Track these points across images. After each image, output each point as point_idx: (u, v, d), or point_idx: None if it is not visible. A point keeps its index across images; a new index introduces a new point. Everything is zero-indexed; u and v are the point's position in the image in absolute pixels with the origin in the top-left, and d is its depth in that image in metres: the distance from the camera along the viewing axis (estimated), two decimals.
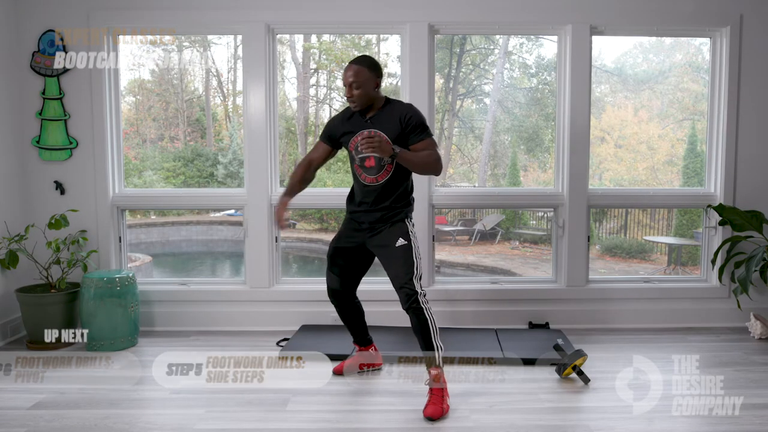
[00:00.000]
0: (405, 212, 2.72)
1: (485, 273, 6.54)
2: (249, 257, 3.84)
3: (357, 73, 2.58)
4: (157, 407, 2.63)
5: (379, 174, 2.66)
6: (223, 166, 5.94)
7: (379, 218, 2.70)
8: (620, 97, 4.88)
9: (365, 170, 2.69)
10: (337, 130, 2.77)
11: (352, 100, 2.62)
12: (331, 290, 2.89)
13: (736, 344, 3.47)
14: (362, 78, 2.58)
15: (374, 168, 2.67)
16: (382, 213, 2.69)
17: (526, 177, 5.37)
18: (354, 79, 2.58)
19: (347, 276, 2.86)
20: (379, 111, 2.67)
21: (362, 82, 2.58)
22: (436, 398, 2.52)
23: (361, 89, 2.59)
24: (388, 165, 2.65)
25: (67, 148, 3.72)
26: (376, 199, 2.69)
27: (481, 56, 5.52)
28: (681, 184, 4.88)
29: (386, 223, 2.69)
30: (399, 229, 2.68)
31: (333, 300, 2.91)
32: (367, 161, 2.67)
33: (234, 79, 6.31)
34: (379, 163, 2.65)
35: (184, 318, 3.81)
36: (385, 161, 2.64)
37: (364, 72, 2.59)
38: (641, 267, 6.14)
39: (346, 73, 2.61)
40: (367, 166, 2.68)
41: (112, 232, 3.81)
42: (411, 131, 2.63)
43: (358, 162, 2.70)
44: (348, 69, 2.61)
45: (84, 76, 3.68)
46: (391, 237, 2.66)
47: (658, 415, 2.50)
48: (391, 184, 2.67)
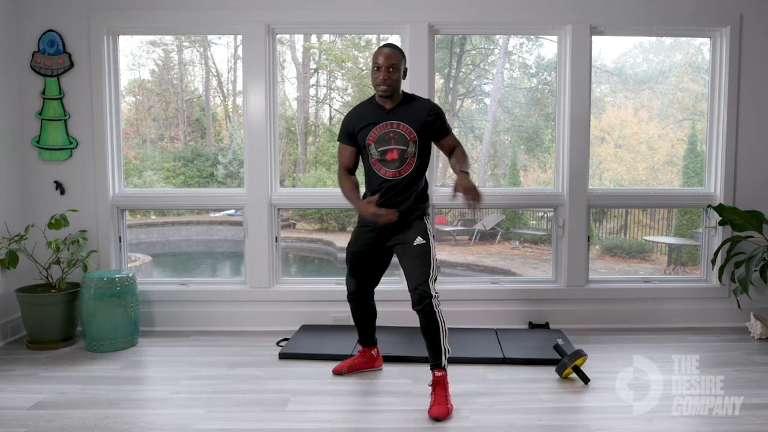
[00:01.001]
0: (423, 208, 2.68)
1: (485, 273, 6.54)
2: (249, 257, 3.84)
3: (393, 55, 2.55)
4: (157, 407, 2.63)
5: (402, 167, 2.61)
6: (223, 166, 5.94)
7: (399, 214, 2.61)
8: (620, 97, 4.89)
9: (385, 164, 2.63)
10: (354, 125, 2.68)
11: (387, 83, 2.54)
12: (351, 293, 2.88)
13: (736, 344, 3.47)
14: (397, 61, 2.56)
15: (396, 161, 2.61)
16: (402, 207, 2.63)
17: (526, 177, 5.37)
18: (393, 61, 2.54)
19: (366, 279, 2.84)
20: (401, 104, 2.64)
21: (397, 65, 2.56)
22: (440, 398, 2.52)
23: (397, 73, 2.56)
24: (411, 158, 2.61)
25: (67, 148, 3.72)
26: (397, 193, 2.63)
27: (481, 56, 5.52)
28: (681, 184, 4.89)
29: (406, 218, 2.64)
30: (418, 227, 2.63)
31: (352, 302, 2.90)
32: (389, 154, 2.61)
33: (234, 79, 6.31)
34: (402, 155, 2.60)
35: (184, 318, 3.81)
36: (408, 153, 2.60)
37: (398, 56, 2.57)
38: (641, 267, 6.14)
39: (379, 57, 2.55)
40: (388, 159, 2.62)
41: (112, 232, 3.81)
42: (440, 126, 2.65)
43: (378, 156, 2.63)
44: (381, 52, 2.55)
45: (84, 76, 3.68)
46: (410, 234, 2.62)
47: (658, 415, 2.50)
48: (413, 177, 2.64)
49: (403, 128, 2.61)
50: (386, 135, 2.62)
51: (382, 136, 2.62)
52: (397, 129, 2.61)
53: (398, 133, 2.61)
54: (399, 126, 2.61)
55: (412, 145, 2.61)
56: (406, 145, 2.60)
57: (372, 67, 2.59)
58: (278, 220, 3.89)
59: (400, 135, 2.61)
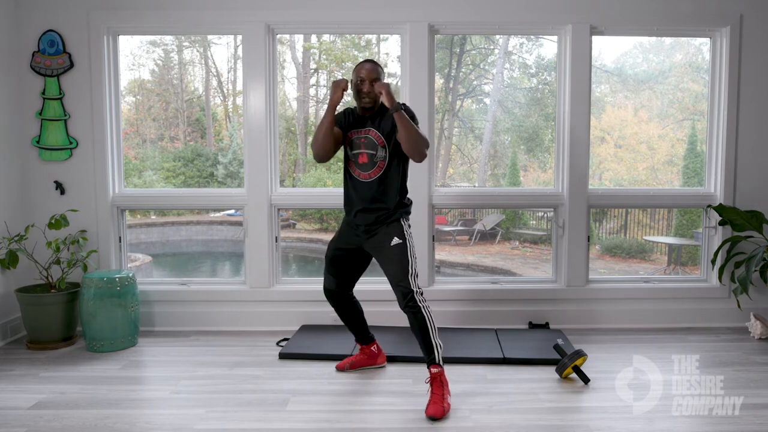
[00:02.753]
0: (400, 212, 2.75)
1: (485, 273, 6.55)
2: (249, 257, 3.84)
3: (374, 69, 2.68)
4: (157, 407, 2.63)
5: (372, 170, 2.71)
6: (223, 166, 5.95)
7: (375, 220, 2.72)
8: (620, 97, 4.89)
9: (358, 166, 2.74)
10: (348, 118, 2.81)
11: (371, 96, 2.68)
12: (328, 291, 2.93)
13: (736, 344, 3.47)
14: (378, 75, 2.69)
15: (367, 164, 2.72)
16: (377, 214, 2.72)
17: (526, 177, 5.37)
18: (374, 75, 2.67)
19: (344, 277, 2.91)
20: (378, 112, 2.75)
21: (378, 79, 2.69)
22: (437, 397, 2.52)
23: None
24: (381, 161, 2.70)
25: (67, 148, 3.72)
26: (370, 197, 2.72)
27: (481, 56, 5.52)
28: (681, 184, 4.89)
29: (382, 225, 2.72)
30: (394, 229, 2.71)
31: (330, 300, 2.95)
32: (360, 157, 2.72)
33: (234, 79, 6.31)
34: (372, 159, 2.71)
35: (184, 318, 3.81)
36: (378, 157, 2.70)
37: (378, 70, 2.70)
38: (641, 267, 6.14)
39: (360, 71, 2.68)
40: (360, 162, 2.73)
41: (112, 232, 3.81)
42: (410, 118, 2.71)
43: (352, 158, 2.76)
44: (362, 68, 2.68)
45: (84, 76, 3.69)
46: (386, 237, 2.69)
47: (658, 415, 2.50)
48: (384, 180, 2.71)
49: (372, 134, 2.72)
50: (359, 139, 2.75)
51: (356, 140, 2.76)
52: (367, 134, 2.73)
53: (368, 138, 2.72)
54: (369, 132, 2.73)
55: (381, 150, 2.71)
56: (374, 150, 2.71)
57: (354, 81, 2.70)
58: (278, 220, 3.89)
59: (368, 140, 2.72)
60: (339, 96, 2.65)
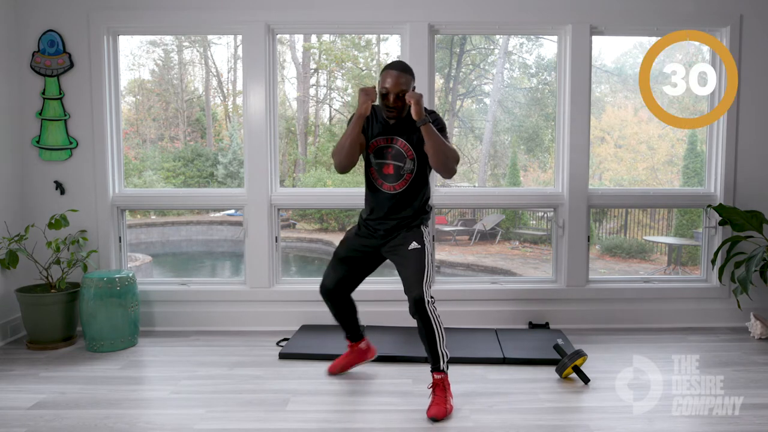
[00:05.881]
0: (422, 218, 2.67)
1: (485, 273, 6.55)
2: (249, 257, 3.84)
3: (400, 82, 2.44)
4: (157, 407, 2.63)
5: (398, 182, 2.59)
6: (223, 166, 5.95)
7: (394, 226, 2.63)
8: (620, 97, 4.89)
9: (383, 177, 2.62)
10: (371, 120, 2.64)
11: (397, 108, 2.48)
12: (327, 289, 2.81)
13: (736, 344, 3.47)
14: (407, 87, 2.45)
15: (392, 176, 2.59)
16: (397, 221, 2.63)
17: (526, 177, 5.37)
18: (400, 89, 2.44)
19: (351, 278, 2.81)
20: (405, 118, 2.58)
21: (407, 90, 2.45)
22: (439, 399, 2.51)
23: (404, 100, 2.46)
24: (408, 174, 2.58)
25: (67, 148, 3.72)
26: (392, 208, 2.61)
27: (481, 56, 5.52)
28: (681, 184, 4.89)
29: (402, 230, 2.64)
30: (414, 234, 2.62)
31: (327, 298, 2.84)
32: (385, 168, 2.59)
33: (234, 79, 6.31)
34: (398, 171, 2.58)
35: (184, 318, 3.81)
36: (405, 170, 2.57)
37: (408, 80, 2.46)
38: (641, 267, 6.14)
39: (386, 81, 2.45)
40: (384, 173, 2.61)
41: (112, 232, 3.81)
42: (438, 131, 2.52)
43: (376, 167, 2.63)
44: (388, 76, 2.45)
45: (84, 76, 3.69)
46: (405, 240, 2.61)
47: (658, 415, 2.50)
48: (409, 193, 2.61)
49: (401, 144, 2.58)
50: (385, 149, 2.60)
51: (380, 150, 2.61)
52: (395, 144, 2.59)
53: (395, 148, 2.59)
54: (397, 142, 2.59)
55: (410, 162, 2.58)
56: (402, 162, 2.58)
57: (380, 87, 2.50)
58: (278, 220, 3.89)
59: (396, 150, 2.59)
60: (367, 108, 2.45)
